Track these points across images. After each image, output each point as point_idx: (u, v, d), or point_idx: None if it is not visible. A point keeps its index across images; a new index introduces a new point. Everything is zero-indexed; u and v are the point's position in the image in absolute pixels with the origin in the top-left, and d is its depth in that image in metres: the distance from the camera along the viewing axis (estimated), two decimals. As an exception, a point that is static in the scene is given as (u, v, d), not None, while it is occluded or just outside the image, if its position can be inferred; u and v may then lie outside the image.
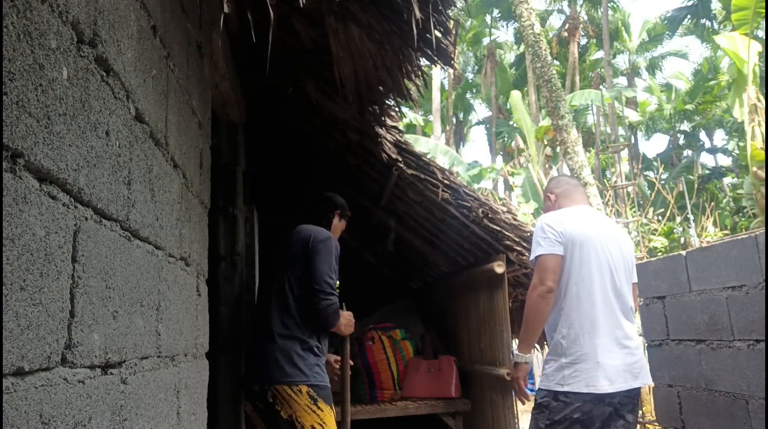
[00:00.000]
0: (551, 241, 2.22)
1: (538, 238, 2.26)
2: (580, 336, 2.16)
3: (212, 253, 2.65)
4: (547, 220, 2.28)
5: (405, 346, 4.56)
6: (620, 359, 2.17)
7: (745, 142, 11.02)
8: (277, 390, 2.27)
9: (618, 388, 2.14)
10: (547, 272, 2.19)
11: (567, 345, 2.17)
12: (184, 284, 1.65)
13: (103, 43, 1.03)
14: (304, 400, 2.26)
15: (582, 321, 2.17)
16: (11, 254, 0.71)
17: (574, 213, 2.33)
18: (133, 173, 1.19)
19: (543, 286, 2.17)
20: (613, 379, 2.13)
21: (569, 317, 2.20)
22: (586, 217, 2.34)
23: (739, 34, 10.67)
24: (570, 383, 2.13)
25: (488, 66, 25.94)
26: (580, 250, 2.22)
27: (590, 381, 2.11)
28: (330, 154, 4.06)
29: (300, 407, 2.24)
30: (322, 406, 2.29)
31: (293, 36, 2.76)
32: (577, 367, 2.13)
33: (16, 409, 0.71)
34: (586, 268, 2.21)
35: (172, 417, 1.48)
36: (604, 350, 2.14)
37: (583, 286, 2.20)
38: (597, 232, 2.28)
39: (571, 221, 2.27)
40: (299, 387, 2.26)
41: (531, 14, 10.85)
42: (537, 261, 2.25)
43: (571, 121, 10.31)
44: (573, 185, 2.58)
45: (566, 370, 2.14)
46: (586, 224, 2.29)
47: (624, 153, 20.56)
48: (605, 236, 2.30)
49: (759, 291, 3.03)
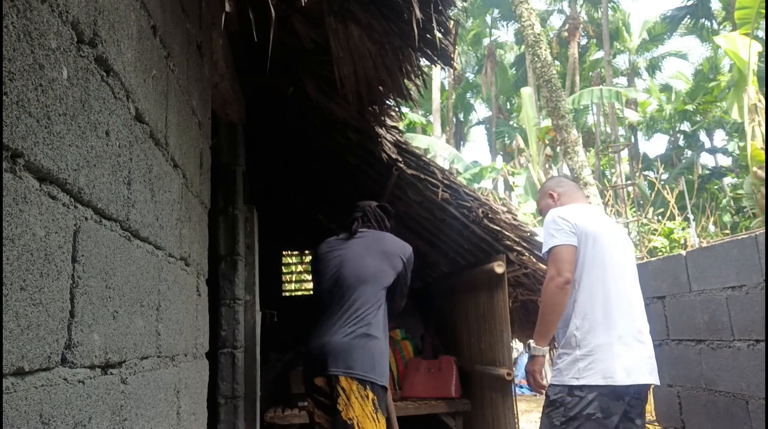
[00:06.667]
0: (566, 232, 2.17)
1: (551, 230, 2.20)
2: (594, 327, 2.10)
3: (212, 253, 2.65)
4: (559, 213, 2.24)
5: (405, 346, 4.56)
6: (637, 352, 2.10)
7: (745, 143, 11.02)
8: (343, 384, 2.27)
9: (635, 380, 2.05)
10: (563, 263, 2.12)
11: (581, 337, 2.10)
12: (184, 284, 1.66)
13: (103, 43, 1.03)
14: (369, 407, 2.28)
15: (596, 312, 2.12)
16: (11, 254, 0.71)
17: (582, 209, 2.31)
18: (133, 173, 1.19)
19: (561, 277, 2.10)
20: (631, 371, 2.05)
21: (583, 309, 2.13)
22: (594, 213, 2.34)
23: (739, 35, 10.67)
24: (586, 376, 2.04)
25: (488, 66, 25.94)
26: (593, 243, 2.18)
27: (607, 372, 2.03)
28: (330, 154, 4.06)
29: (365, 414, 2.27)
30: (380, 418, 2.33)
31: (293, 36, 2.76)
32: (593, 359, 2.05)
33: (16, 409, 0.71)
34: (599, 260, 2.17)
35: (172, 417, 1.48)
36: (620, 341, 2.07)
37: (597, 278, 2.15)
38: (606, 228, 2.27)
39: (582, 215, 2.25)
40: (367, 392, 2.29)
41: (531, 14, 10.86)
42: (551, 252, 2.18)
43: (571, 121, 10.31)
44: (575, 186, 2.57)
45: (581, 362, 2.06)
46: (596, 220, 2.27)
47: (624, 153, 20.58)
48: (613, 234, 2.28)
49: (759, 291, 3.03)
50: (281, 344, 4.93)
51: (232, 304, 2.99)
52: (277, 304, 4.98)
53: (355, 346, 2.31)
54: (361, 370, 2.28)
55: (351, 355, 2.29)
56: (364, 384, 2.28)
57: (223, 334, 2.95)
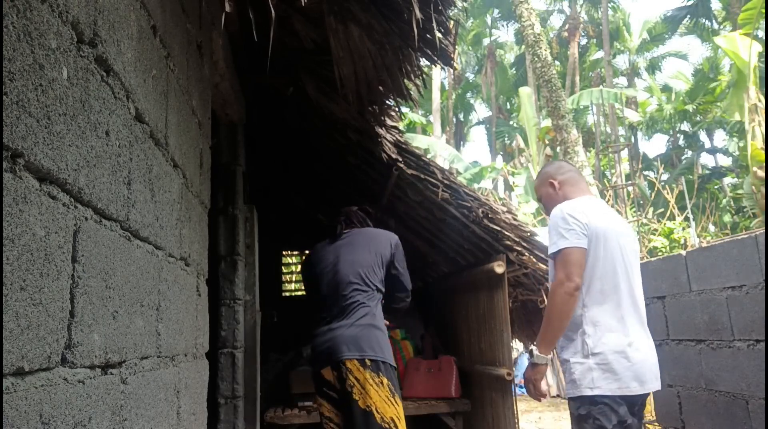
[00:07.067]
0: (576, 233, 2.04)
1: (561, 229, 2.06)
2: (606, 334, 2.00)
3: (212, 253, 2.65)
4: (569, 211, 2.09)
5: (405, 346, 4.56)
6: (647, 359, 2.04)
7: (745, 143, 11.03)
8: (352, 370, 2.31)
9: (647, 389, 2.00)
10: (573, 267, 2.00)
11: (593, 345, 2.00)
12: (184, 284, 1.66)
13: (103, 43, 1.03)
14: (385, 392, 2.31)
15: (608, 318, 2.02)
16: (11, 254, 0.71)
17: (590, 205, 2.15)
18: (133, 173, 1.19)
19: (570, 282, 1.98)
20: (643, 380, 1.99)
21: (594, 315, 2.03)
22: (602, 209, 2.19)
23: (739, 35, 10.67)
24: (601, 386, 1.95)
25: (488, 66, 25.95)
26: (604, 244, 2.06)
27: (622, 382, 1.96)
28: (330, 154, 4.06)
29: (381, 399, 2.29)
30: (398, 401, 2.35)
31: (293, 36, 2.76)
32: (607, 368, 1.97)
33: (16, 409, 0.71)
34: (610, 263, 2.06)
35: (172, 417, 1.48)
36: (631, 348, 2.00)
37: (608, 282, 2.05)
38: (614, 226, 2.14)
39: (592, 213, 2.10)
40: (381, 378, 2.31)
41: (531, 14, 10.87)
42: (560, 254, 2.04)
43: (571, 121, 10.32)
44: (576, 172, 2.39)
45: (595, 372, 1.98)
46: (605, 217, 2.13)
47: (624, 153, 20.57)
48: (620, 231, 2.16)
49: (759, 291, 3.03)
50: (281, 344, 4.93)
51: (232, 304, 2.99)
52: (277, 304, 4.98)
53: (362, 333, 2.37)
54: (372, 351, 2.33)
55: (359, 341, 2.35)
56: (377, 370, 2.32)
57: (223, 334, 2.96)
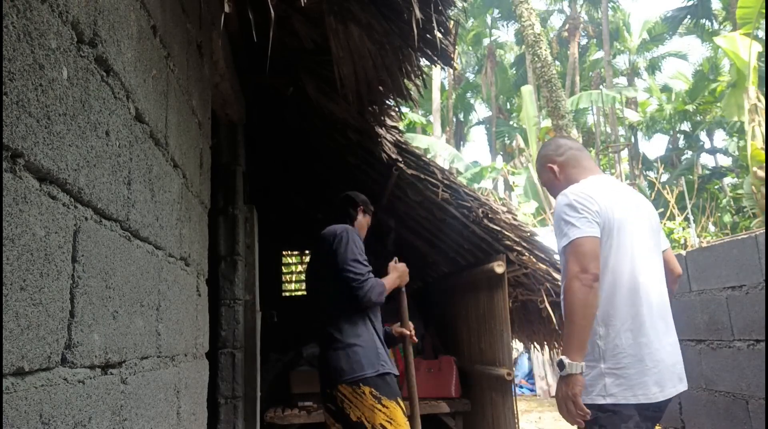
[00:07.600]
0: (588, 220, 1.83)
1: (571, 218, 1.85)
2: (621, 334, 1.82)
3: (212, 253, 2.65)
4: (577, 197, 1.87)
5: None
6: (668, 359, 1.85)
7: (745, 143, 11.03)
8: (340, 391, 2.37)
9: (668, 394, 1.83)
10: (587, 257, 1.78)
11: (605, 347, 1.82)
12: (184, 284, 1.66)
13: (103, 43, 1.03)
14: (369, 400, 2.34)
15: (623, 316, 1.83)
16: (11, 254, 0.71)
17: (599, 186, 1.94)
18: (133, 173, 1.19)
19: (587, 273, 1.76)
20: (663, 384, 1.82)
21: (606, 313, 1.84)
22: (613, 190, 1.96)
23: (739, 35, 10.68)
24: (614, 393, 1.78)
25: (488, 66, 25.95)
26: (618, 233, 1.86)
27: (638, 388, 1.78)
28: (330, 154, 4.06)
29: (366, 408, 2.33)
30: (387, 403, 2.36)
31: (293, 36, 2.76)
32: (621, 373, 1.79)
33: (16, 409, 0.71)
34: (623, 254, 1.87)
35: (172, 417, 1.48)
36: (650, 350, 1.81)
37: (622, 275, 1.85)
38: (628, 208, 1.93)
39: (602, 198, 1.88)
40: (362, 389, 2.34)
41: (531, 14, 10.87)
42: (572, 245, 1.81)
43: (571, 121, 10.32)
44: (577, 149, 2.12)
45: (607, 378, 1.79)
46: (617, 200, 1.92)
47: (624, 153, 20.57)
48: (635, 212, 1.94)
49: (759, 291, 3.03)
50: (281, 344, 4.93)
51: (232, 304, 2.99)
52: (277, 304, 4.98)
53: (330, 359, 2.42)
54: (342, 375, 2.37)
55: (329, 369, 2.41)
56: (354, 385, 2.36)
57: (223, 334, 2.96)
